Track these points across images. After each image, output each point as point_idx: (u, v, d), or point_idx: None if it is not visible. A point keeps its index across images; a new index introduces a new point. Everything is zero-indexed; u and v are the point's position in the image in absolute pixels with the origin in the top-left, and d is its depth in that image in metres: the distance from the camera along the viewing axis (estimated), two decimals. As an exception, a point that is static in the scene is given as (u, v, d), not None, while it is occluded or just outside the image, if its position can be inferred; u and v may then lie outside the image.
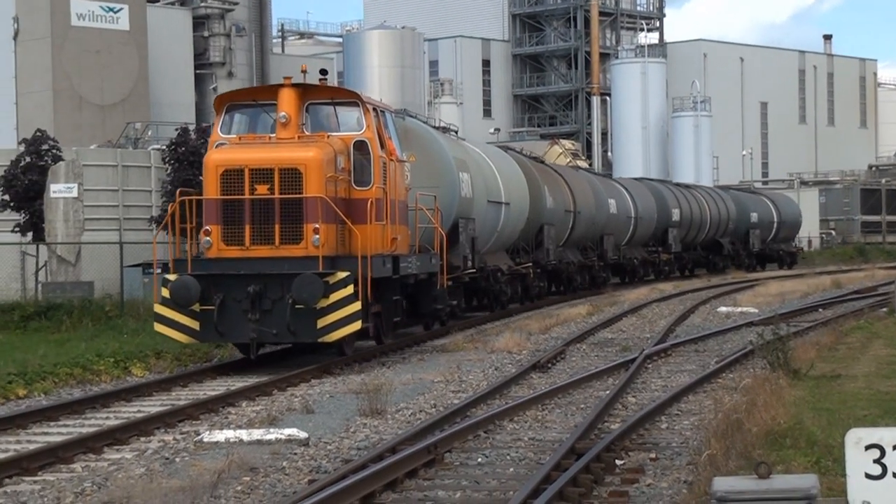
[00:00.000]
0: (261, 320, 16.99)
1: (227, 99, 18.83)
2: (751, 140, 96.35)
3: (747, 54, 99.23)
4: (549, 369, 17.48)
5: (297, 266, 16.99)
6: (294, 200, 17.17)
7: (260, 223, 17.25)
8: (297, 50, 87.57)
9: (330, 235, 17.47)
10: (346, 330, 17.17)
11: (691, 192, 50.77)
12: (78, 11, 60.11)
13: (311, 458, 10.81)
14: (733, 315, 27.43)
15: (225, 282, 17.13)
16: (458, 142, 27.55)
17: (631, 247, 43.03)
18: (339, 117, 18.65)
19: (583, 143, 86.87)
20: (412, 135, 23.73)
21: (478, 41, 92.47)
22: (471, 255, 25.15)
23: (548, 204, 32.34)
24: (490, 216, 27.11)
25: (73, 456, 11.15)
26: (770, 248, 58.04)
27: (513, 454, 10.88)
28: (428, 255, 21.03)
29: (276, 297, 17.02)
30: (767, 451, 9.61)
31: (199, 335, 17.36)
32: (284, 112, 17.94)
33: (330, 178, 17.41)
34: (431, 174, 23.39)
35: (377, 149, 18.34)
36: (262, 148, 17.72)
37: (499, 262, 28.64)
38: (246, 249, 17.27)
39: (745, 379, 14.47)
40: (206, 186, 17.46)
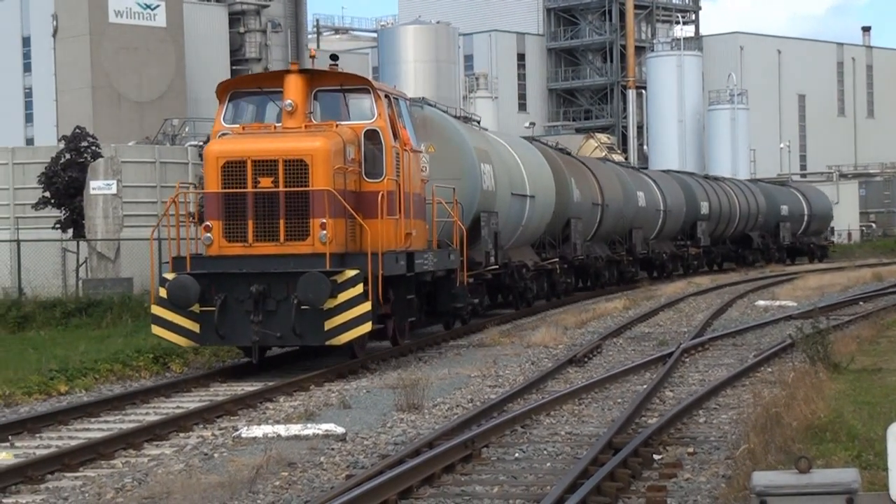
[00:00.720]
0: (264, 322, 15.99)
1: (231, 86, 17.70)
2: (788, 133, 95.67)
3: (785, 47, 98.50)
4: (586, 363, 17.43)
5: (302, 264, 15.97)
6: (300, 194, 16.12)
7: (263, 218, 16.22)
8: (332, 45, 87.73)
9: (339, 231, 16.42)
10: (356, 332, 16.11)
11: (720, 185, 49.93)
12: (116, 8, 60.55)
13: (348, 454, 10.83)
14: (772, 309, 27.25)
15: (226, 281, 16.15)
16: (481, 132, 26.50)
17: (659, 241, 42.06)
18: (350, 105, 17.61)
19: (618, 136, 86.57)
20: (431, 124, 22.70)
21: (513, 35, 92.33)
22: (493, 250, 24.07)
23: (575, 197, 31.38)
24: (514, 210, 26.09)
25: (114, 452, 11.23)
26: (801, 241, 57.20)
27: (550, 449, 10.86)
28: (446, 251, 20.02)
29: (280, 298, 16.02)
30: (807, 445, 9.55)
31: (199, 338, 16.32)
32: (290, 100, 16.90)
33: (338, 169, 16.35)
34: (451, 166, 22.43)
35: (389, 138, 17.25)
36: (265, 138, 16.65)
37: (524, 257, 27.67)
38: (249, 246, 16.23)
39: (785, 373, 14.38)
40: (207, 179, 16.49)
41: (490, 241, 23.77)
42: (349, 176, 16.75)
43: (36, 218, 31.75)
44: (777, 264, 51.77)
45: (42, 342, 21.32)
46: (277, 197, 16.16)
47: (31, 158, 33.83)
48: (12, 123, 63.12)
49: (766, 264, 51.60)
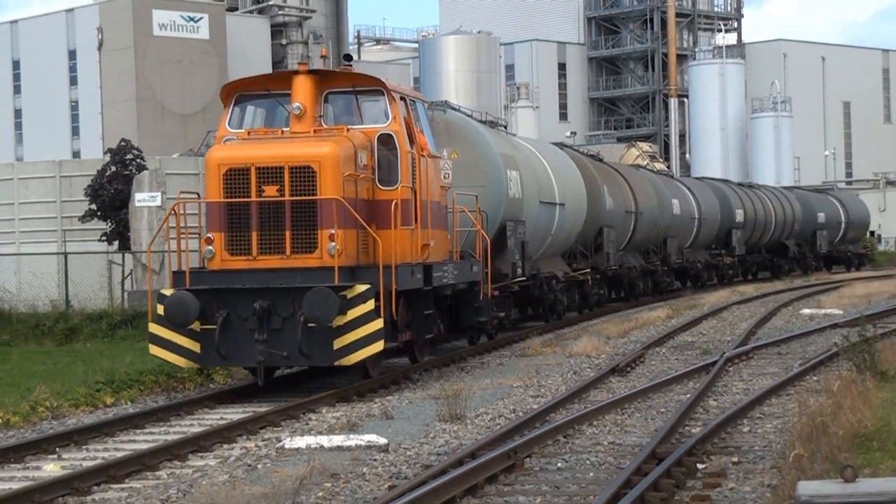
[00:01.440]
0: (269, 341, 14.94)
1: (236, 88, 16.62)
2: (833, 140, 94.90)
3: (829, 53, 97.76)
4: (629, 373, 17.36)
5: (310, 278, 14.91)
6: (307, 203, 15.07)
7: (268, 229, 15.17)
8: (373, 56, 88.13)
9: (349, 243, 15.36)
10: (367, 351, 15.03)
11: (755, 192, 48.81)
12: (160, 21, 61.19)
13: (390, 464, 10.85)
14: (817, 317, 27.02)
15: (228, 297, 15.09)
16: (507, 137, 25.49)
17: (694, 250, 41.06)
18: (362, 108, 16.52)
19: (660, 145, 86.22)
20: (454, 129, 21.86)
21: (553, 45, 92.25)
22: (520, 261, 22.87)
23: (607, 205, 30.40)
24: (543, 218, 25.02)
25: (159, 463, 11.32)
26: (838, 249, 55.91)
27: (592, 459, 10.83)
28: (468, 263, 18.96)
29: (286, 315, 14.96)
30: (854, 455, 9.46)
31: (199, 358, 15.34)
32: (299, 102, 15.89)
33: (349, 176, 15.33)
34: (475, 172, 21.49)
35: (405, 143, 16.19)
36: (270, 143, 15.59)
37: (554, 268, 26.55)
38: (253, 260, 15.18)
39: (831, 381, 14.25)
40: (208, 188, 15.45)
41: (517, 252, 22.71)
42: (361, 183, 15.75)
43: (83, 230, 32.09)
44: (814, 273, 50.72)
45: (89, 354, 21.53)
46: (283, 206, 15.13)
47: (78, 171, 34.20)
48: (59, 137, 63.86)
49: (803, 273, 50.48)
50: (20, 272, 30.69)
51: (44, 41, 64.98)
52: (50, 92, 64.73)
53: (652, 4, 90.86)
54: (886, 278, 44.83)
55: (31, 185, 34.24)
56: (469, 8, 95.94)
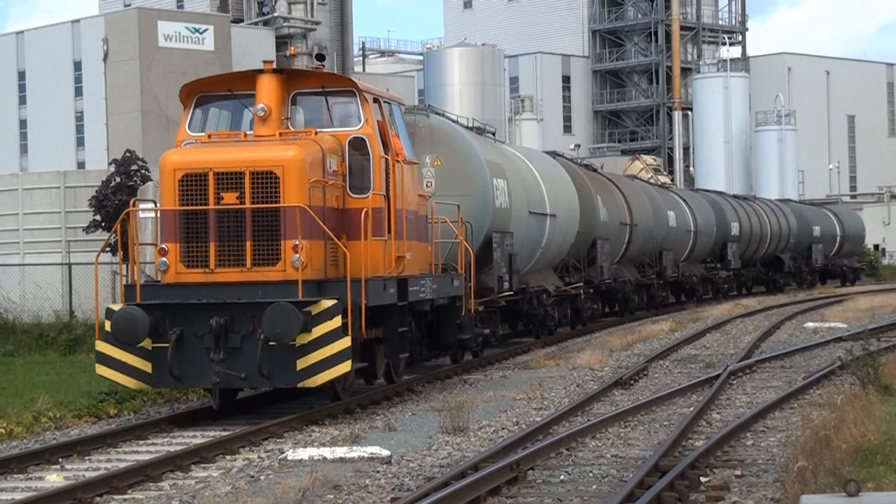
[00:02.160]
0: (226, 361, 13.85)
1: (196, 89, 15.55)
2: (838, 154, 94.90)
3: (833, 67, 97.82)
4: (632, 386, 17.35)
5: (272, 293, 13.89)
6: (269, 211, 14.03)
7: (227, 240, 14.13)
8: (378, 68, 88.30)
9: (316, 254, 14.28)
10: (333, 372, 13.92)
11: (750, 205, 47.94)
12: (165, 33, 61.38)
13: (393, 476, 10.85)
14: (821, 331, 26.99)
15: (183, 313, 14.04)
16: (495, 144, 24.09)
17: (689, 263, 40.08)
18: (333, 110, 15.52)
19: (664, 158, 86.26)
20: (437, 135, 20.78)
21: (558, 57, 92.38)
22: (508, 274, 21.74)
23: (601, 216, 29.33)
24: (532, 230, 23.89)
25: (162, 474, 11.31)
26: (833, 263, 54.93)
27: (595, 471, 10.82)
28: (448, 277, 17.91)
29: (245, 332, 13.90)
30: (857, 469, 9.45)
31: (151, 379, 14.27)
32: (263, 103, 14.89)
33: (315, 183, 14.28)
34: (460, 180, 20.46)
35: (378, 147, 15.12)
36: (230, 147, 14.58)
37: (545, 281, 25.52)
38: (210, 273, 14.12)
39: (834, 395, 14.24)
40: (163, 195, 14.43)
41: (504, 265, 21.58)
42: (330, 191, 14.70)
43: (87, 241, 32.13)
44: (810, 288, 49.97)
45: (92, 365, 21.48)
46: (243, 215, 14.07)
47: (83, 182, 34.25)
48: (64, 147, 64.00)
49: (798, 288, 49.70)
50: (24, 282, 30.73)
51: (49, 52, 65.18)
52: (55, 103, 64.90)
53: (656, 17, 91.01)
54: (890, 292, 44.78)
55: (36, 196, 34.28)
56: (474, 20, 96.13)
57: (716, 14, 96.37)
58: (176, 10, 70.62)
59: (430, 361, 20.42)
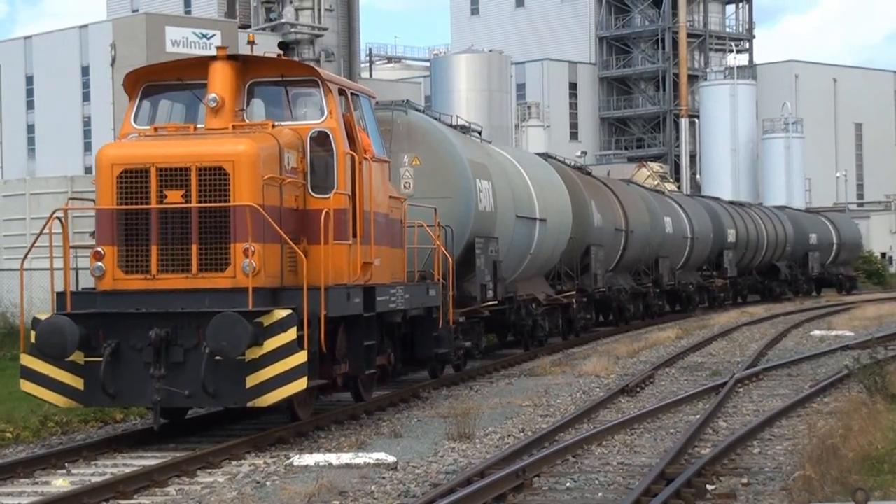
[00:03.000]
0: (168, 377, 12.57)
1: (142, 77, 14.28)
2: (845, 162, 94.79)
3: (840, 75, 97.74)
4: (638, 393, 17.33)
5: (220, 301, 12.66)
6: (218, 211, 12.80)
7: (171, 243, 12.89)
8: (384, 74, 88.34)
9: (270, 259, 13.06)
10: (287, 390, 12.58)
11: (746, 211, 47.08)
12: (172, 38, 61.46)
13: (399, 482, 10.84)
14: (828, 339, 26.96)
15: (119, 324, 12.74)
16: (480, 144, 22.52)
17: (685, 271, 38.97)
18: (293, 101, 14.28)
19: (671, 165, 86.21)
20: (416, 132, 19.42)
21: (564, 64, 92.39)
22: (492, 282, 20.42)
23: (595, 221, 28.15)
24: (520, 235, 22.57)
25: (168, 479, 11.31)
26: (829, 271, 54.12)
27: (601, 479, 10.81)
28: (423, 286, 16.72)
29: (189, 346, 12.62)
30: (864, 477, 9.43)
31: (82, 397, 12.86)
32: (215, 93, 13.68)
33: (270, 180, 13.06)
34: (439, 182, 19.18)
35: (342, 143, 13.84)
36: (175, 141, 13.32)
37: (534, 290, 24.23)
38: (151, 279, 12.90)
39: (841, 403, 14.21)
40: (100, 193, 13.13)
41: (487, 272, 20.21)
42: (288, 189, 13.45)
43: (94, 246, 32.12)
44: (805, 298, 49.13)
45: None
46: (189, 215, 12.83)
47: (90, 187, 34.26)
48: (72, 152, 64.08)
49: (794, 297, 48.82)
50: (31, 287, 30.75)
51: (57, 57, 65.31)
52: (63, 107, 64.99)
53: (664, 25, 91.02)
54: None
55: (44, 201, 34.28)
56: (481, 27, 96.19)
57: (723, 21, 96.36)
58: (184, 15, 70.71)
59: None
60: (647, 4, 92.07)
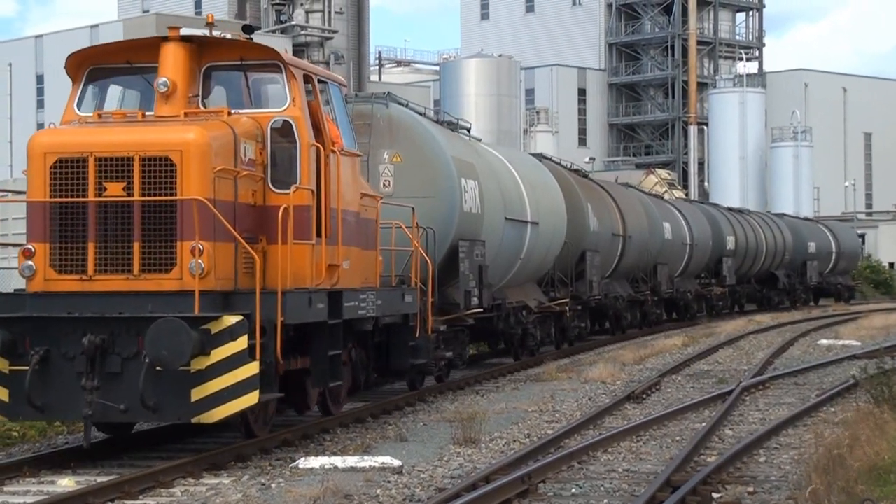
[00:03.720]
0: (102, 389, 11.38)
1: (88, 60, 12.99)
2: (854, 171, 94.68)
3: (850, 84, 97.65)
4: (644, 400, 17.32)
5: (164, 306, 11.52)
6: (163, 205, 11.67)
7: (111, 240, 11.74)
8: (394, 78, 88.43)
9: (223, 259, 11.91)
10: (236, 405, 11.46)
11: (745, 218, 45.86)
12: (182, 41, 61.41)
13: (404, 486, 10.84)
14: (835, 348, 26.93)
15: (49, 329, 11.52)
16: (468, 142, 21.15)
17: (684, 279, 37.72)
18: (253, 87, 13.11)
19: (679, 172, 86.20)
20: (397, 127, 18.21)
21: (574, 70, 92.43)
22: (477, 288, 19.19)
23: (591, 226, 27.02)
24: (510, 238, 21.37)
25: (173, 480, 11.31)
26: (827, 281, 52.89)
27: (607, 485, 10.80)
28: (399, 291, 15.41)
29: (128, 354, 11.47)
30: (871, 487, 9.41)
31: (7, 409, 11.73)
32: (166, 77, 12.48)
33: (223, 172, 11.89)
34: (421, 180, 18.02)
35: (307, 133, 12.67)
36: (117, 128, 12.15)
37: (526, 297, 23.06)
38: (88, 280, 11.72)
39: (848, 413, 14.19)
40: (31, 185, 11.92)
41: (472, 278, 18.99)
42: (245, 183, 12.31)
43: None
44: (803, 307, 48.28)
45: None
46: (131, 210, 11.70)
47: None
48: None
49: (792, 306, 47.99)
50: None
51: (67, 57, 65.47)
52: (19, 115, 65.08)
53: (673, 32, 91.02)
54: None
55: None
56: (491, 32, 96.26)
57: (733, 29, 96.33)
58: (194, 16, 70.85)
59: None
60: (658, 11, 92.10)
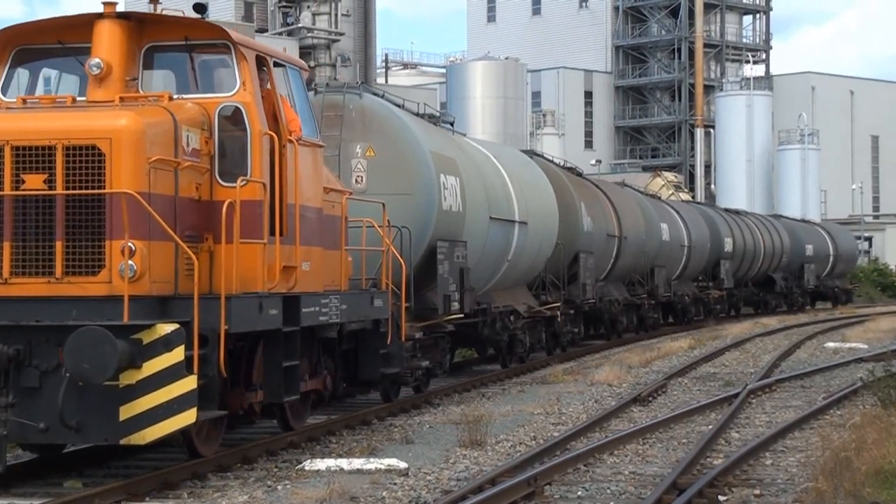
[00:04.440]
0: (19, 406, 10.13)
1: (13, 39, 11.72)
2: (861, 174, 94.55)
3: (857, 87, 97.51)
4: (650, 403, 17.31)
5: (90, 312, 10.28)
6: (90, 200, 10.43)
7: (29, 239, 10.52)
8: (400, 80, 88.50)
9: (159, 261, 10.63)
10: (171, 424, 10.24)
11: (743, 220, 44.74)
12: (189, 44, 61.56)
13: (410, 489, 10.84)
14: (842, 351, 26.89)
15: None
16: (450, 135, 19.85)
17: (682, 282, 36.47)
18: (200, 70, 11.79)
19: (686, 175, 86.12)
20: (371, 119, 17.00)
21: (580, 73, 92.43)
22: (458, 292, 17.82)
23: (585, 226, 25.74)
24: (494, 239, 20.05)
25: (180, 482, 11.32)
26: (824, 284, 51.78)
27: (613, 488, 10.79)
28: (367, 295, 14.11)
29: (47, 367, 10.20)
30: (878, 490, 9.39)
31: None
32: (99, 58, 11.23)
33: (160, 163, 10.65)
34: (396, 176, 16.80)
35: (258, 121, 11.40)
36: (39, 114, 10.99)
37: (514, 301, 21.72)
38: (4, 284, 10.53)
39: (855, 416, 14.17)
40: None
41: (452, 281, 17.64)
42: (187, 175, 11.03)
43: None
44: (800, 311, 47.37)
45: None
46: (53, 205, 10.45)
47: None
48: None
49: (789, 310, 47.09)
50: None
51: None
52: None
53: (680, 34, 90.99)
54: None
55: None
56: (497, 34, 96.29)
57: (740, 32, 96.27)
58: (201, 19, 71.04)
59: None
60: (664, 14, 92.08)
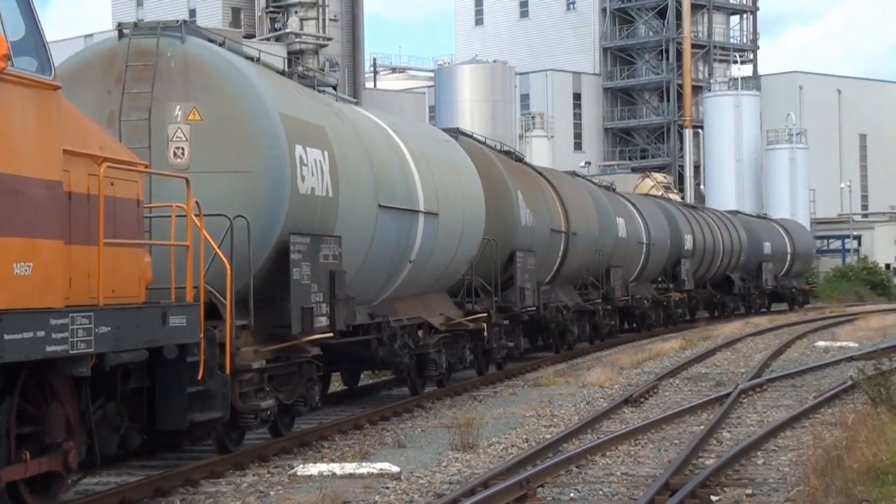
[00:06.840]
0: None
1: None
2: (849, 173, 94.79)
3: (845, 86, 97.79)
4: (642, 404, 17.32)
5: None
6: None
7: None
8: (389, 84, 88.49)
9: None
10: None
11: (701, 215, 41.68)
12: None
13: (402, 493, 10.84)
14: (832, 350, 26.95)
15: None
16: (323, 99, 15.25)
17: (639, 283, 33.06)
18: None
19: (675, 176, 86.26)
20: (196, 70, 12.55)
21: (569, 75, 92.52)
22: (326, 303, 13.41)
23: (523, 220, 22.00)
24: (388, 234, 15.77)
25: (172, 489, 11.31)
26: (782, 284, 48.72)
27: (605, 489, 10.80)
28: (156, 311, 9.64)
29: None
30: (869, 488, 9.42)
31: None
32: None
33: None
34: (231, 147, 12.39)
35: None
36: None
37: (426, 311, 17.80)
38: None
39: (846, 415, 14.20)
40: None
41: (317, 289, 13.25)
42: None
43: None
44: (751, 315, 43.91)
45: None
46: None
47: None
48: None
49: (746, 313, 44.17)
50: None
51: (62, 67, 65.45)
52: None
53: (668, 35, 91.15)
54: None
55: None
56: (485, 37, 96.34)
57: (727, 32, 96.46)
58: (188, 25, 70.96)
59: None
60: (652, 15, 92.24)
